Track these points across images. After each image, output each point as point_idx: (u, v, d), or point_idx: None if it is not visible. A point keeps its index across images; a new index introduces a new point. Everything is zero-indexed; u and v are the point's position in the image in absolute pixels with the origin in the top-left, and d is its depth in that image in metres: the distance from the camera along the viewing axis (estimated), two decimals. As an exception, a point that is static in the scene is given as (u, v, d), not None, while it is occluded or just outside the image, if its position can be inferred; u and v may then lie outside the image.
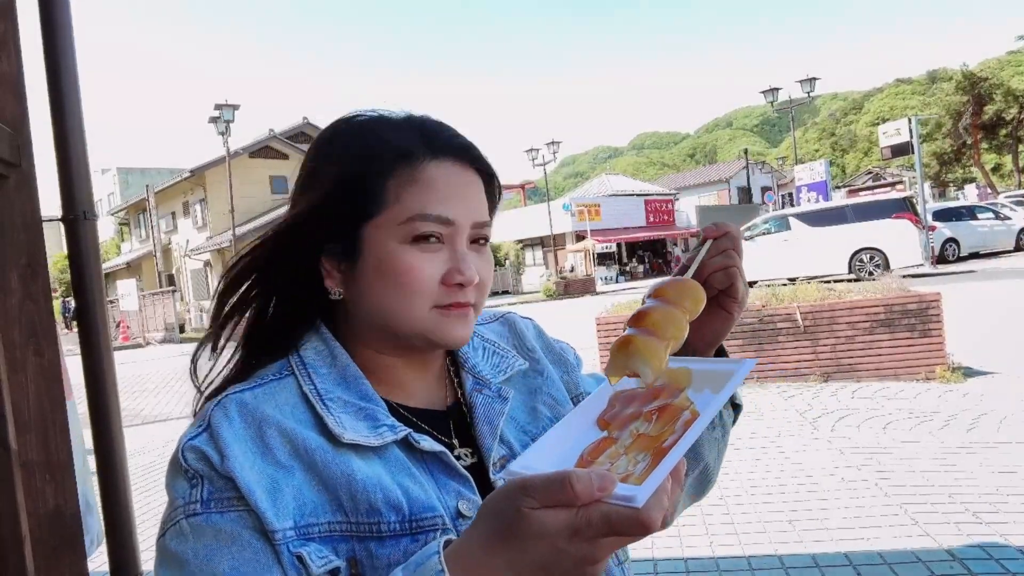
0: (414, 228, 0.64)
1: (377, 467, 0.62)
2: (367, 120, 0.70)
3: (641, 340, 0.54)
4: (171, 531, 0.60)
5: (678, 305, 0.59)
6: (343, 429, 0.62)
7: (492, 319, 0.87)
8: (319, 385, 0.66)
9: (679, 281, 0.63)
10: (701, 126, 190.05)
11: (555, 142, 29.46)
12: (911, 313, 5.68)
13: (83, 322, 2.05)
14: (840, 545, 2.85)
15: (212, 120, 20.85)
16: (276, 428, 0.62)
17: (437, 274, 0.65)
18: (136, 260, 34.93)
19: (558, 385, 0.81)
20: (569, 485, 0.43)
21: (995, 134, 36.04)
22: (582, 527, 0.43)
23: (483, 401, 0.74)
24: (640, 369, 0.52)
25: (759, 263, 15.94)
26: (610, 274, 30.95)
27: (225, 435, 0.60)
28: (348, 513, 0.60)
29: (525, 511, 0.44)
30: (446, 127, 0.70)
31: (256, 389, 0.65)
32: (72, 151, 1.99)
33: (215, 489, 0.59)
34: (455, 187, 0.67)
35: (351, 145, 0.68)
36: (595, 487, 0.43)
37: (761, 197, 40.28)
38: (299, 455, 0.61)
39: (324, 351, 0.69)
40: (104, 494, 2.09)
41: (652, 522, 0.43)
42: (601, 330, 6.45)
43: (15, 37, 1.16)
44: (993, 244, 18.71)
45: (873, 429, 4.43)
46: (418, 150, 0.66)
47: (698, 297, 0.62)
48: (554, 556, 0.45)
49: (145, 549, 2.77)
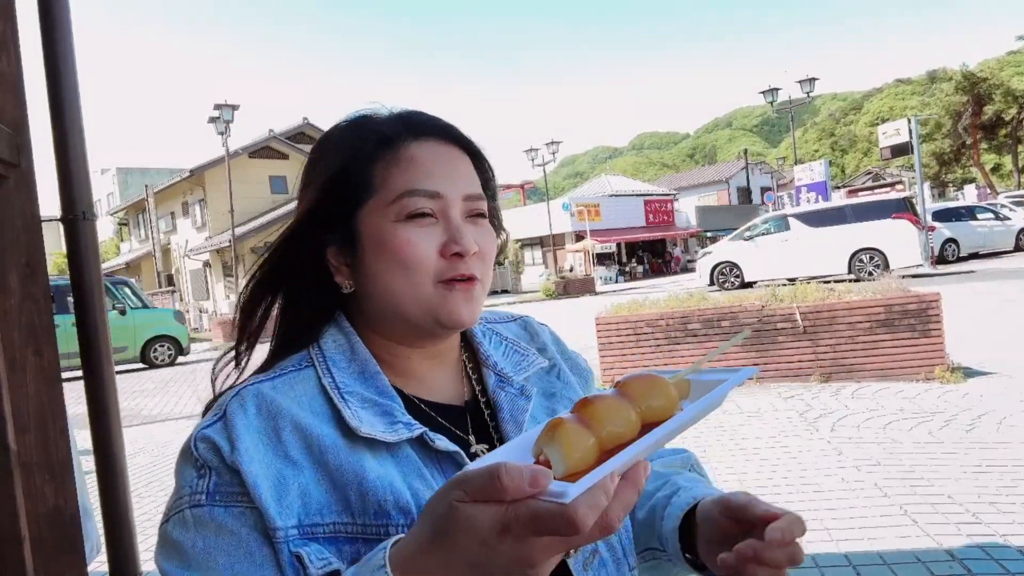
0: (404, 206, 0.66)
1: (389, 467, 0.62)
2: (352, 119, 0.73)
3: (569, 428, 0.48)
4: (175, 519, 0.60)
5: (636, 403, 0.52)
6: (360, 423, 0.63)
7: (509, 319, 0.87)
8: (338, 378, 0.67)
9: (649, 377, 0.55)
10: (701, 126, 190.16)
11: (555, 142, 29.46)
12: (911, 313, 5.69)
13: (82, 322, 2.05)
14: (840, 545, 2.85)
15: (212, 120, 20.84)
16: (291, 422, 0.62)
17: (434, 247, 0.66)
18: (135, 260, 34.93)
19: (576, 391, 0.81)
20: (498, 478, 0.41)
21: (995, 134, 36.06)
22: (511, 523, 0.42)
23: (507, 398, 0.74)
24: (552, 457, 0.47)
25: (759, 263, 15.98)
26: (609, 274, 30.95)
27: (238, 425, 0.61)
28: (356, 514, 0.60)
29: (455, 504, 0.43)
30: (427, 114, 0.73)
31: (276, 380, 0.66)
32: (72, 151, 2.00)
33: (221, 482, 0.59)
34: (440, 163, 0.68)
35: (338, 143, 0.71)
36: (525, 481, 0.41)
37: (761, 197, 40.31)
38: (311, 451, 0.61)
39: (343, 343, 0.70)
40: (103, 494, 2.09)
41: (580, 520, 0.40)
42: (600, 330, 6.45)
43: (15, 37, 1.16)
44: (993, 244, 18.72)
45: (873, 429, 4.43)
46: (399, 134, 0.69)
47: (664, 400, 0.54)
48: (485, 554, 0.43)
49: (145, 550, 2.76)
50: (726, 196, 46.10)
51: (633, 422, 0.51)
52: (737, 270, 16.47)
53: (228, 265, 27.27)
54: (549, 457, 0.47)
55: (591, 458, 0.47)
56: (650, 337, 6.29)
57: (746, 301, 6.25)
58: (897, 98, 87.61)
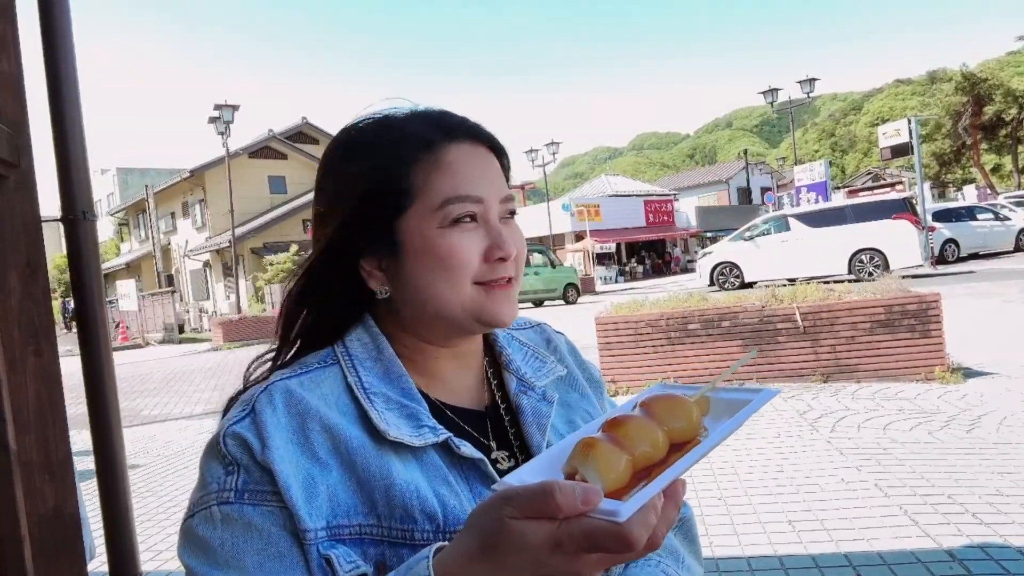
0: (449, 212, 0.65)
1: (415, 471, 0.62)
2: (375, 122, 0.70)
3: (604, 448, 0.49)
4: (200, 515, 0.59)
5: (662, 423, 0.54)
6: (387, 426, 0.62)
7: (527, 326, 0.87)
8: (364, 378, 0.67)
9: (673, 398, 0.57)
10: (701, 127, 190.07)
11: (555, 143, 29.48)
12: (911, 314, 5.68)
13: (83, 322, 2.05)
14: (840, 546, 2.85)
15: (212, 120, 20.85)
16: (319, 421, 0.62)
17: (478, 252, 0.67)
18: (135, 260, 34.92)
19: (593, 403, 0.81)
20: (552, 496, 0.42)
21: (995, 135, 36.03)
22: (564, 540, 0.43)
23: (530, 403, 0.74)
24: (588, 476, 0.48)
25: (759, 264, 15.98)
26: (609, 274, 30.95)
27: (268, 423, 0.60)
28: (381, 517, 0.60)
29: (507, 521, 0.44)
30: (450, 113, 0.72)
31: (302, 376, 0.66)
32: (72, 151, 2.00)
33: (251, 480, 0.59)
34: (478, 166, 0.68)
35: (368, 148, 0.68)
36: (579, 500, 0.42)
37: (761, 198, 40.28)
38: (339, 452, 0.61)
39: (370, 344, 0.70)
40: (103, 494, 2.09)
41: (635, 539, 0.42)
42: (601, 330, 6.45)
43: (15, 37, 1.16)
44: (993, 245, 18.72)
45: (873, 430, 4.43)
46: (435, 136, 0.67)
47: (689, 420, 0.56)
48: (535, 569, 0.44)
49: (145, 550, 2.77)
50: (726, 196, 46.10)
51: (661, 443, 0.53)
52: (737, 270, 16.48)
53: (228, 265, 27.26)
54: (585, 476, 0.48)
55: (626, 478, 0.49)
56: (650, 337, 6.29)
57: (746, 301, 6.25)
58: (897, 98, 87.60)
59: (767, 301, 6.18)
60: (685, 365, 6.18)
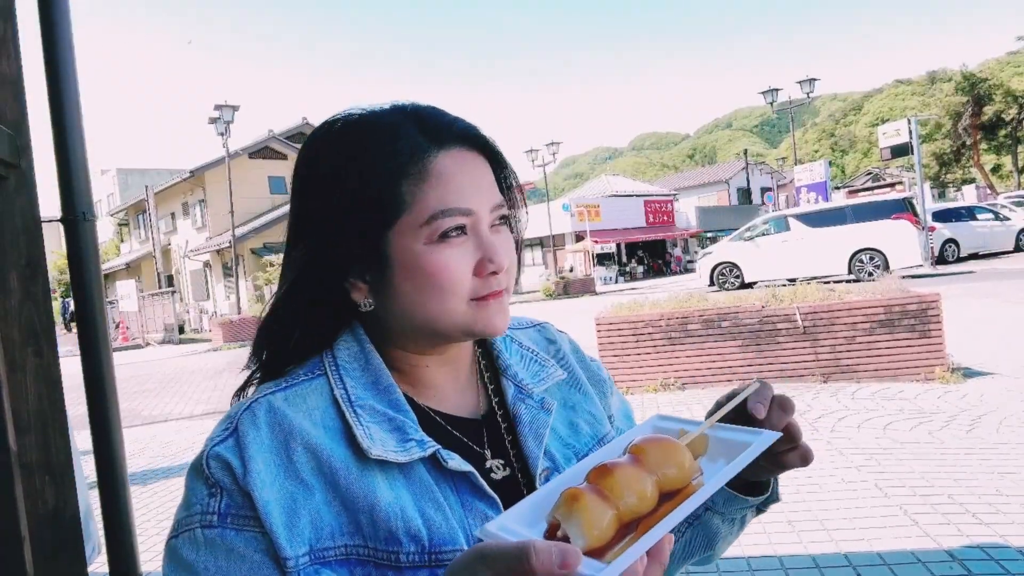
0: (438, 226, 0.62)
1: (401, 489, 0.61)
2: (356, 124, 0.66)
3: (589, 502, 0.47)
4: (184, 536, 0.59)
5: (653, 471, 0.51)
6: (371, 443, 0.61)
7: (528, 325, 0.85)
8: (351, 390, 0.65)
9: (665, 442, 0.54)
10: (701, 127, 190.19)
11: (555, 143, 29.45)
12: (911, 314, 5.68)
13: (83, 323, 2.05)
14: (840, 546, 2.85)
15: (212, 121, 20.85)
16: (302, 441, 0.60)
17: (468, 267, 0.64)
18: (135, 261, 34.92)
19: (596, 404, 0.79)
20: (527, 559, 0.40)
21: (994, 135, 36.09)
22: None
23: (528, 411, 0.72)
24: (571, 531, 0.46)
25: (759, 264, 15.98)
26: (609, 274, 30.94)
27: (251, 445, 0.59)
28: (367, 538, 0.59)
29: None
30: (440, 112, 0.68)
31: (288, 391, 0.64)
32: (72, 152, 1.99)
33: (233, 504, 0.58)
34: (468, 175, 0.65)
35: (351, 156, 0.64)
36: (556, 564, 0.40)
37: (761, 198, 40.31)
38: (322, 473, 0.60)
39: (358, 352, 0.68)
40: (103, 494, 2.09)
41: None
42: (601, 330, 6.45)
43: (15, 37, 1.16)
44: (993, 245, 18.71)
45: (873, 430, 4.43)
46: (423, 143, 0.63)
47: (681, 467, 0.52)
48: None
49: (145, 550, 2.76)
50: (726, 196, 46.07)
51: (650, 496, 0.50)
52: (737, 270, 16.47)
53: (228, 266, 27.26)
54: (568, 532, 0.46)
55: (610, 533, 0.46)
56: (650, 337, 6.29)
57: (746, 302, 6.25)
58: (897, 98, 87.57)
59: (767, 301, 6.18)
60: (685, 365, 6.18)
